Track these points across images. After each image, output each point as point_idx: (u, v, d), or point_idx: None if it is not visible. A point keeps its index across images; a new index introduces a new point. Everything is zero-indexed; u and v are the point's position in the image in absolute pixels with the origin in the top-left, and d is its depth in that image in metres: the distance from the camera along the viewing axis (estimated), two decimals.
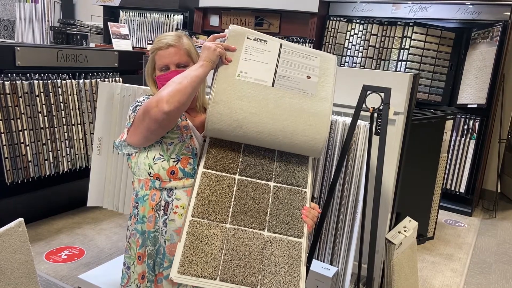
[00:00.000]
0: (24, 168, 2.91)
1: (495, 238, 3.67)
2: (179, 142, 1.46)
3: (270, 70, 1.48)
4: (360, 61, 4.50)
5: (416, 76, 2.08)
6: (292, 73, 1.51)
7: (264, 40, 1.53)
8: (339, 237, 2.11)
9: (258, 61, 1.49)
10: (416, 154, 2.52)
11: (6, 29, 6.98)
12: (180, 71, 1.47)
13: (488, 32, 4.00)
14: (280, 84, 1.47)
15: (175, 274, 1.24)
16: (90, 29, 5.72)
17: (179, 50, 1.50)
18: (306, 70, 1.53)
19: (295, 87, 1.48)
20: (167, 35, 1.53)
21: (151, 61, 1.53)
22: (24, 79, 2.86)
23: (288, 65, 1.51)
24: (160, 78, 1.50)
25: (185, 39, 1.53)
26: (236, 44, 1.48)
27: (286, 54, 1.53)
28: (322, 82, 1.52)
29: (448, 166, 4.16)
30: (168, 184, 1.45)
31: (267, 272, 1.29)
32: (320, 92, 1.50)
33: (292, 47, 1.56)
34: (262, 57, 1.50)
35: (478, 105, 3.97)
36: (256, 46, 1.50)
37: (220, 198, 1.38)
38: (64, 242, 2.96)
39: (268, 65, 1.49)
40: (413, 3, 4.29)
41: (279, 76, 1.48)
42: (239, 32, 1.50)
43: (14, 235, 1.41)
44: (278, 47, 1.53)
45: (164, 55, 1.49)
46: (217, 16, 5.19)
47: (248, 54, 1.49)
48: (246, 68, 1.46)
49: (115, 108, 2.45)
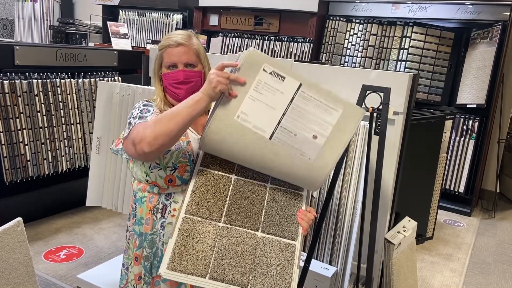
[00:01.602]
0: (23, 168, 2.90)
1: (494, 238, 3.67)
2: (175, 150, 1.43)
3: (275, 118, 1.31)
4: (359, 61, 4.49)
5: (416, 76, 2.08)
6: (298, 127, 1.32)
7: (282, 76, 1.30)
8: (338, 237, 2.11)
9: (265, 104, 1.30)
10: (416, 154, 2.52)
11: (5, 28, 6.97)
12: (187, 70, 1.46)
13: (487, 32, 4.00)
14: (279, 139, 1.31)
15: (164, 270, 1.23)
16: (89, 28, 5.71)
17: (189, 49, 1.47)
18: (315, 127, 1.32)
19: (294, 146, 1.32)
20: (177, 33, 1.50)
21: (158, 58, 1.51)
22: (23, 78, 2.85)
23: (297, 115, 1.31)
24: (166, 76, 1.48)
25: (195, 39, 1.51)
26: (248, 75, 1.28)
27: (301, 101, 1.31)
28: (328, 146, 1.33)
29: (447, 166, 4.16)
30: (167, 191, 1.44)
31: (258, 273, 1.28)
32: (320, 158, 1.33)
33: (312, 91, 1.32)
34: (272, 98, 1.30)
35: (477, 105, 3.97)
36: (270, 82, 1.29)
37: (215, 196, 1.37)
38: (63, 241, 2.96)
39: (275, 112, 1.30)
40: (412, 3, 4.29)
41: (281, 128, 1.31)
42: (256, 61, 1.29)
43: (13, 234, 1.40)
44: (295, 88, 1.31)
45: (173, 53, 1.46)
46: (217, 15, 5.18)
47: (257, 92, 1.29)
48: (249, 108, 1.29)
49: (114, 108, 2.45)
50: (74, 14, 6.84)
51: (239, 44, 4.96)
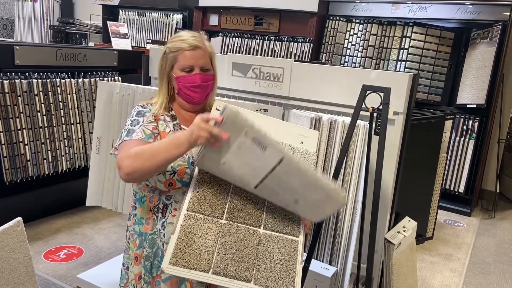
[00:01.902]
0: (23, 167, 2.90)
1: (494, 238, 3.67)
2: None
3: (258, 176, 1.29)
4: (359, 61, 4.49)
5: (416, 76, 2.08)
6: (281, 190, 1.32)
7: (264, 146, 1.22)
8: (338, 237, 2.11)
9: (247, 162, 1.27)
10: (416, 154, 2.52)
11: (5, 27, 6.97)
12: (204, 74, 1.45)
13: (487, 32, 4.00)
14: (263, 192, 1.35)
15: (167, 265, 1.23)
16: (89, 28, 5.71)
17: (204, 53, 1.46)
18: (297, 195, 1.32)
19: (279, 198, 1.36)
20: (190, 35, 1.47)
21: (171, 59, 1.46)
22: (23, 78, 2.85)
23: (279, 182, 1.29)
24: (182, 79, 1.45)
25: (207, 42, 1.50)
26: (232, 132, 1.21)
27: (282, 173, 1.26)
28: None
29: (447, 166, 4.16)
30: (167, 193, 1.44)
31: (262, 268, 1.29)
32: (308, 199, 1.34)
33: (293, 167, 1.25)
34: (254, 160, 1.25)
35: (477, 105, 3.97)
36: (252, 147, 1.23)
37: (217, 194, 1.37)
38: (62, 241, 2.96)
39: (257, 171, 1.28)
40: (412, 3, 4.28)
41: (265, 185, 1.31)
42: (237, 123, 1.20)
43: (13, 234, 1.40)
44: (276, 161, 1.23)
45: (190, 56, 1.44)
46: (217, 15, 5.18)
47: (240, 150, 1.24)
48: (234, 161, 1.27)
49: (114, 108, 2.45)
50: (74, 14, 6.84)
51: (239, 44, 4.96)
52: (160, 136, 1.44)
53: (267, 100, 2.40)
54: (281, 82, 2.33)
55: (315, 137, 1.54)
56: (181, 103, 1.52)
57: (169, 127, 1.47)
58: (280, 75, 2.33)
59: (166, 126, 1.47)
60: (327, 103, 2.23)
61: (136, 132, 1.42)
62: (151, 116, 1.47)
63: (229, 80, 2.45)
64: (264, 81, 2.38)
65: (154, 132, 1.43)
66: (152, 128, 1.44)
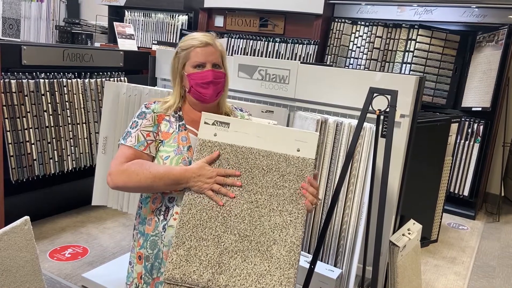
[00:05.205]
0: (29, 167, 2.92)
1: (498, 242, 3.66)
2: (175, 156, 1.42)
3: None
4: (364, 63, 4.49)
5: (422, 79, 2.08)
6: None
7: None
8: (344, 239, 2.11)
9: None
10: (421, 157, 2.52)
11: (11, 27, 7.00)
12: (216, 71, 1.46)
13: (493, 35, 3.99)
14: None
15: None
16: (95, 29, 5.73)
17: (216, 50, 1.48)
18: None
19: None
20: (201, 34, 1.49)
21: (183, 57, 1.47)
22: (30, 78, 2.87)
23: None
24: (193, 76, 1.46)
25: (218, 42, 1.51)
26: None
27: None
28: None
29: (452, 169, 4.15)
30: (169, 194, 1.44)
31: None
32: None
33: None
34: None
35: (482, 109, 3.96)
36: None
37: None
38: (68, 240, 2.97)
39: None
40: (418, 6, 4.28)
41: None
42: None
43: (20, 233, 1.41)
44: None
45: (202, 52, 1.45)
46: (222, 16, 5.19)
47: None
48: None
49: (121, 108, 2.46)
50: (80, 14, 6.87)
51: (244, 45, 4.97)
52: (161, 136, 1.46)
53: (272, 101, 2.40)
54: (287, 84, 2.33)
55: (313, 141, 1.41)
56: (192, 103, 1.52)
57: (173, 128, 1.48)
58: (286, 76, 2.33)
59: (169, 126, 1.48)
60: (332, 105, 2.23)
61: (131, 136, 1.44)
62: (151, 118, 1.47)
63: (235, 81, 2.45)
64: (270, 83, 2.38)
65: (148, 139, 1.45)
66: (146, 134, 1.45)
